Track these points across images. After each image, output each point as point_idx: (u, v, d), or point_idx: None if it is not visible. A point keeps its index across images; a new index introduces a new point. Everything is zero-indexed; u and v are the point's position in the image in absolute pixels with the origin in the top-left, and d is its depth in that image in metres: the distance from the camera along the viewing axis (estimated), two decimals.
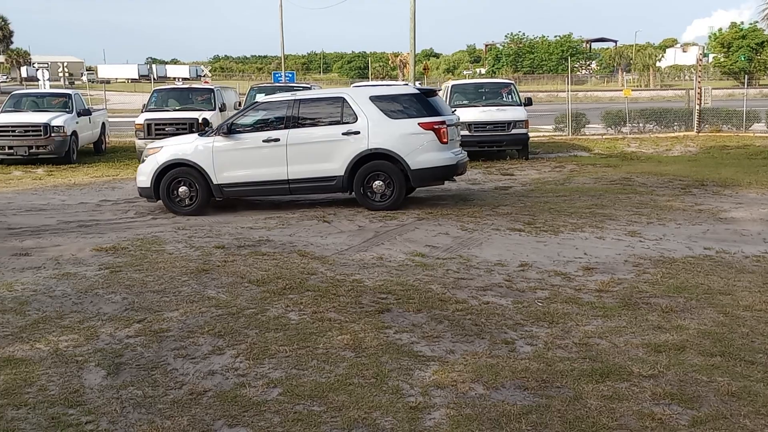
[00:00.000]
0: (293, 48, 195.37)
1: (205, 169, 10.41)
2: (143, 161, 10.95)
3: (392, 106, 10.49)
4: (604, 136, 22.08)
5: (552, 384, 4.40)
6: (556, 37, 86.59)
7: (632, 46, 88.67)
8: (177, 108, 18.59)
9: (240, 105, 19.30)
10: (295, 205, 10.94)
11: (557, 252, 7.82)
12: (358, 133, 10.26)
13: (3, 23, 76.43)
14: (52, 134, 16.78)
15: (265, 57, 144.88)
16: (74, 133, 17.60)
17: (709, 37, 73.25)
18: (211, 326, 5.49)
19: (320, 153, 10.33)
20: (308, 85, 19.91)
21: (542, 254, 7.74)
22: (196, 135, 11.16)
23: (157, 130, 17.26)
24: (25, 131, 16.78)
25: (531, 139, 18.02)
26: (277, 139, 10.35)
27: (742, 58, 66.70)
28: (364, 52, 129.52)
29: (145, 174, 10.67)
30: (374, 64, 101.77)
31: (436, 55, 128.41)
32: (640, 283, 6.53)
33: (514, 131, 16.61)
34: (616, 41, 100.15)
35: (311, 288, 6.46)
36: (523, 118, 16.75)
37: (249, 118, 10.80)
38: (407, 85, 18.57)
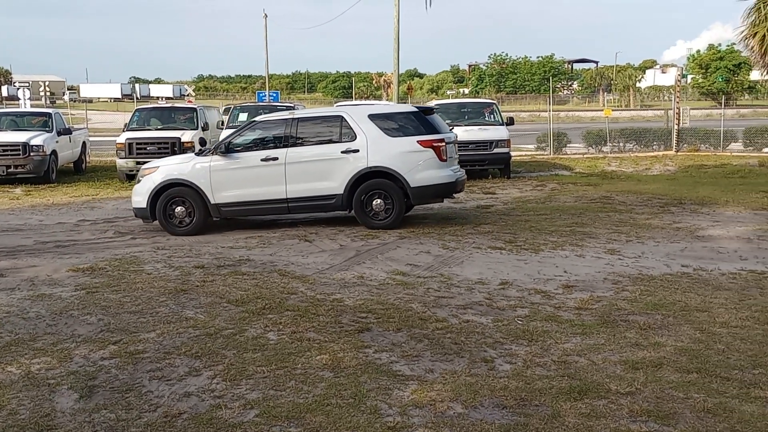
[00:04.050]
0: (278, 68, 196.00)
1: (202, 189, 10.35)
2: (138, 182, 10.85)
3: (391, 124, 10.49)
4: (585, 155, 22.30)
5: (530, 402, 4.39)
6: (538, 57, 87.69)
7: (613, 66, 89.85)
8: (159, 127, 18.55)
9: (223, 124, 19.28)
10: (276, 225, 10.91)
11: (537, 270, 7.85)
12: (357, 151, 10.24)
13: None
14: (31, 153, 16.64)
15: (249, 76, 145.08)
16: (54, 152, 17.46)
17: (688, 58, 74.46)
18: (188, 347, 5.43)
19: (319, 171, 10.31)
20: (292, 105, 19.94)
21: (523, 272, 7.76)
22: (192, 155, 11.09)
23: (138, 150, 17.21)
24: (4, 150, 16.61)
25: (513, 158, 18.15)
26: (275, 158, 10.31)
27: (720, 79, 67.83)
28: (349, 72, 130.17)
29: (140, 194, 10.57)
30: (358, 84, 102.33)
31: (420, 75, 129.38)
32: (618, 301, 6.56)
33: (496, 150, 16.73)
34: (597, 62, 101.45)
35: (291, 308, 6.42)
36: (505, 137, 16.88)
37: (246, 137, 10.73)
38: (389, 104, 18.67)
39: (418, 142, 10.30)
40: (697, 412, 4.20)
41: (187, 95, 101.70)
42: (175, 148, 17.20)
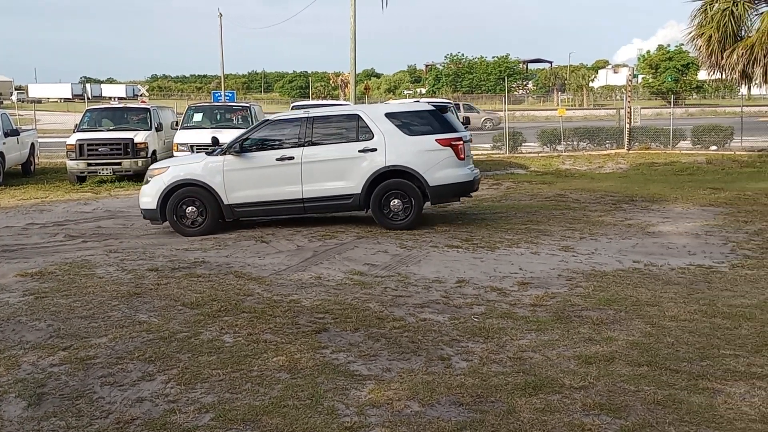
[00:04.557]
0: (234, 67, 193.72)
1: (215, 189, 10.23)
2: (147, 182, 10.66)
3: (408, 123, 10.42)
4: (540, 154, 22.63)
5: (486, 399, 4.44)
6: (494, 57, 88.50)
7: (567, 67, 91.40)
8: (111, 128, 18.19)
9: (177, 125, 19.00)
10: (233, 227, 10.79)
11: (494, 268, 7.93)
12: (375, 150, 10.17)
13: None
14: None
15: (204, 76, 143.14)
16: (1, 154, 16.96)
17: (639, 58, 76.18)
18: (141, 351, 5.33)
19: (336, 171, 10.23)
20: (247, 105, 19.76)
21: (479, 270, 7.83)
22: (203, 154, 10.96)
23: (89, 151, 16.84)
24: None
25: None
26: (291, 158, 10.21)
27: (669, 79, 69.59)
28: (306, 72, 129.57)
29: (150, 195, 10.38)
30: (316, 83, 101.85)
31: (378, 75, 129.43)
32: (572, 297, 6.68)
33: None
34: (551, 62, 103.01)
35: (247, 309, 6.36)
36: None
37: (260, 137, 10.62)
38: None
39: (436, 140, 10.24)
40: (648, 405, 4.30)
41: (141, 95, 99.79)
42: (128, 149, 16.90)
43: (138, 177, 17.02)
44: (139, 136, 17.16)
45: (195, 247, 9.30)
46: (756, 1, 20.22)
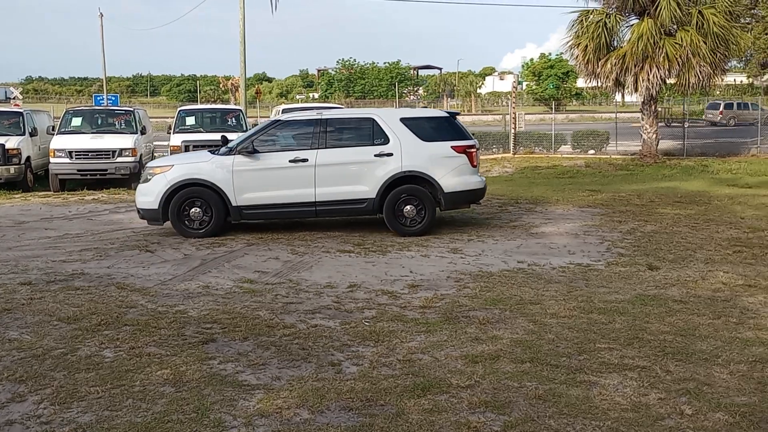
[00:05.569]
0: (118, 70, 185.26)
1: (223, 190, 9.83)
2: (147, 180, 10.05)
3: (423, 128, 10.32)
4: None
5: (376, 402, 4.46)
6: (385, 63, 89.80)
7: (455, 73, 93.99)
8: None
9: (54, 130, 17.98)
10: (116, 236, 10.31)
11: (385, 271, 8.01)
12: (390, 155, 10.02)
13: None
14: None
15: (86, 79, 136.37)
16: None
17: (523, 66, 79.52)
18: (11, 371, 4.98)
19: (351, 175, 10.03)
20: (131, 109, 19.00)
21: (371, 274, 7.88)
22: (207, 152, 10.51)
23: None
24: None
25: None
26: (305, 160, 9.93)
27: (551, 86, 73.07)
28: (195, 75, 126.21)
29: (151, 194, 9.84)
30: (205, 87, 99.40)
31: (269, 80, 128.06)
32: (460, 298, 6.84)
33: None
34: (440, 68, 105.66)
35: (129, 322, 6.09)
36: None
37: (272, 137, 10.27)
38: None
39: (452, 147, 10.21)
40: (530, 400, 4.46)
41: (14, 98, 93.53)
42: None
43: (10, 186, 15.99)
44: (11, 142, 16.11)
45: (73, 258, 8.81)
46: (627, 14, 21.61)
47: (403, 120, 10.40)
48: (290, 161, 10.05)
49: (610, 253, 8.91)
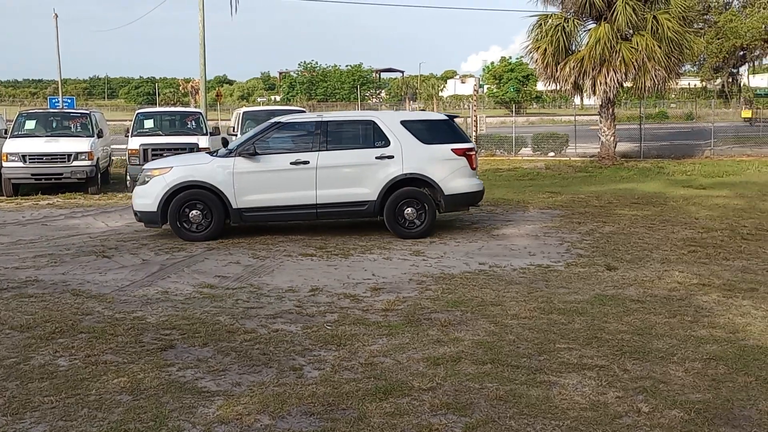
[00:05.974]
0: (73, 72, 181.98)
1: (224, 192, 9.70)
2: (145, 182, 9.81)
3: (423, 131, 10.32)
4: None
5: (338, 406, 4.43)
6: (347, 66, 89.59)
7: (417, 76, 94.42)
8: None
9: (6, 133, 17.51)
10: (71, 242, 10.09)
11: (347, 275, 7.98)
12: (392, 157, 10.01)
13: None
14: None
15: (40, 81, 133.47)
16: None
17: (484, 69, 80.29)
18: None
19: (352, 177, 9.99)
20: (87, 111, 18.60)
21: (333, 278, 7.85)
22: (205, 154, 10.37)
23: None
24: None
25: None
26: (306, 162, 9.87)
27: (512, 90, 73.92)
28: (153, 78, 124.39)
29: (149, 196, 9.64)
30: (164, 89, 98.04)
31: (230, 82, 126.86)
32: (422, 300, 6.86)
33: None
34: (403, 72, 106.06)
35: (85, 330, 5.95)
36: None
37: (273, 139, 10.16)
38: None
39: (452, 149, 10.22)
40: (491, 401, 4.49)
41: None
42: None
43: None
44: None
45: (27, 264, 8.59)
46: (584, 19, 21.98)
47: (404, 123, 10.48)
48: (291, 163, 10.03)
49: (570, 254, 9.03)
